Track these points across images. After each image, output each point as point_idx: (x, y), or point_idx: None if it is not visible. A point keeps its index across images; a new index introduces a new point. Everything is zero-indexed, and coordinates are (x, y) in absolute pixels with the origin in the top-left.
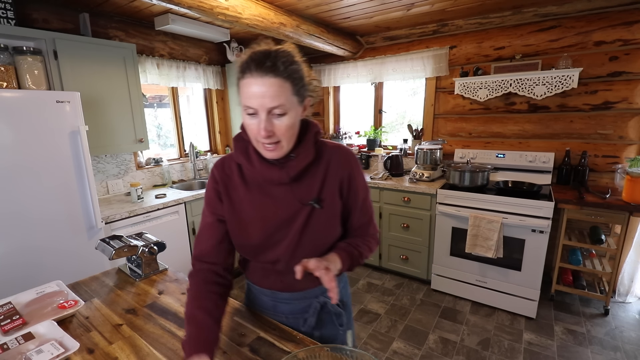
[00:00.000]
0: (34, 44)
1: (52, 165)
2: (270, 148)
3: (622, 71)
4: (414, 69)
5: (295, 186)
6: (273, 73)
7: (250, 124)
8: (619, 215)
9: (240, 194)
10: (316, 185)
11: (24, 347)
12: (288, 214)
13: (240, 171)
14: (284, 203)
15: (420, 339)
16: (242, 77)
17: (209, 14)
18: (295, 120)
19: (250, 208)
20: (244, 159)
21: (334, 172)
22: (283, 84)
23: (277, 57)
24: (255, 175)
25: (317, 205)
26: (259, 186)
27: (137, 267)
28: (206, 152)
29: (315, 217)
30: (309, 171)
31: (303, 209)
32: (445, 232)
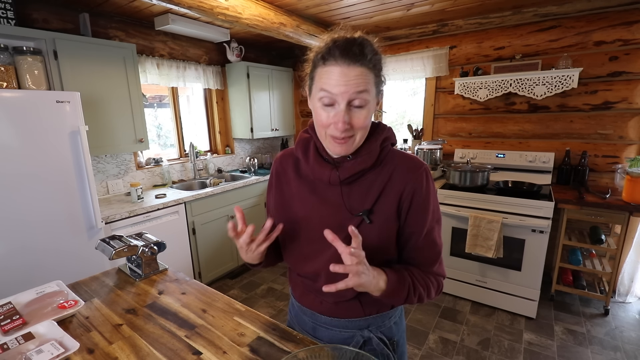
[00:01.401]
0: (34, 44)
1: (52, 165)
2: (342, 142)
3: (622, 71)
4: (414, 69)
5: (347, 191)
6: (360, 61)
7: (323, 114)
8: (619, 215)
9: (293, 188)
10: (371, 195)
11: (24, 347)
12: (334, 220)
13: (296, 166)
14: (332, 207)
15: (420, 339)
16: (322, 64)
17: (209, 14)
18: (371, 115)
19: (299, 204)
20: (302, 153)
21: (395, 185)
22: (368, 74)
23: (363, 44)
24: (308, 171)
25: (367, 219)
26: (311, 184)
27: (137, 267)
28: (206, 152)
29: (364, 233)
30: (365, 177)
31: (351, 219)
32: (445, 232)
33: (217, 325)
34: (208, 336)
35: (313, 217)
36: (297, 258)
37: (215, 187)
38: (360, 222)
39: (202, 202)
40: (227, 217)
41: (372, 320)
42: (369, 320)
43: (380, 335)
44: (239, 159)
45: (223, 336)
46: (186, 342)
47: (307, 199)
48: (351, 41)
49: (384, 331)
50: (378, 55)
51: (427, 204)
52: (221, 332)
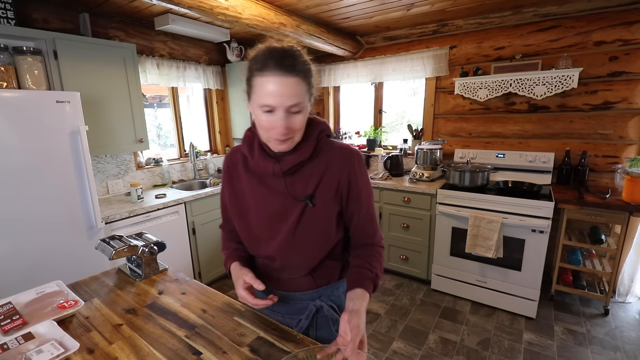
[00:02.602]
0: (34, 44)
1: (52, 166)
2: (281, 142)
3: (622, 71)
4: (414, 69)
5: (290, 181)
6: (293, 72)
7: (265, 120)
8: (619, 215)
9: (243, 182)
10: (311, 183)
11: (24, 347)
12: (282, 207)
13: (244, 162)
14: (278, 196)
15: (420, 339)
16: (259, 74)
17: (209, 14)
18: (306, 117)
19: (249, 196)
20: (247, 150)
21: (332, 172)
22: (300, 82)
23: (294, 56)
24: (254, 166)
25: (310, 203)
26: (259, 177)
27: (137, 267)
28: (206, 152)
29: (308, 216)
30: (305, 168)
31: (297, 205)
32: (445, 232)
33: (217, 325)
34: (208, 336)
35: (262, 205)
36: (252, 243)
37: (215, 187)
38: (304, 207)
39: (202, 202)
40: None
41: (323, 291)
42: (320, 291)
43: (330, 303)
44: None
45: (223, 336)
46: (186, 342)
47: (257, 190)
48: (285, 52)
49: (333, 299)
50: (308, 65)
51: (362, 186)
52: (221, 332)
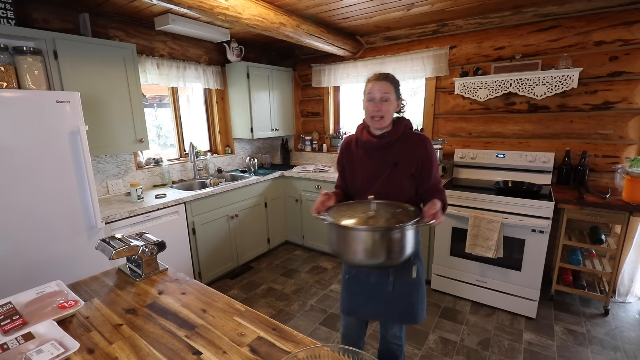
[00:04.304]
0: (34, 44)
1: (52, 165)
2: (377, 120)
3: (622, 71)
4: (414, 69)
5: (385, 152)
6: (385, 80)
7: (369, 106)
8: (619, 215)
9: (355, 154)
10: (398, 154)
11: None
12: (378, 170)
13: (356, 142)
14: (377, 162)
15: (420, 339)
16: (369, 82)
17: (209, 14)
18: (393, 108)
19: (359, 163)
20: (359, 133)
21: (412, 151)
22: (390, 86)
23: (388, 74)
24: (363, 143)
25: (395, 167)
26: (366, 150)
27: (137, 267)
28: (206, 152)
29: (393, 174)
30: (395, 145)
31: (387, 167)
32: (445, 232)
33: (217, 325)
34: (208, 336)
35: (366, 168)
36: (360, 190)
37: (215, 187)
38: (391, 169)
39: (202, 202)
40: (227, 217)
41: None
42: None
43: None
44: (239, 159)
45: (223, 336)
46: (186, 342)
47: (364, 158)
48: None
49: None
50: (397, 80)
51: (431, 161)
52: (221, 332)
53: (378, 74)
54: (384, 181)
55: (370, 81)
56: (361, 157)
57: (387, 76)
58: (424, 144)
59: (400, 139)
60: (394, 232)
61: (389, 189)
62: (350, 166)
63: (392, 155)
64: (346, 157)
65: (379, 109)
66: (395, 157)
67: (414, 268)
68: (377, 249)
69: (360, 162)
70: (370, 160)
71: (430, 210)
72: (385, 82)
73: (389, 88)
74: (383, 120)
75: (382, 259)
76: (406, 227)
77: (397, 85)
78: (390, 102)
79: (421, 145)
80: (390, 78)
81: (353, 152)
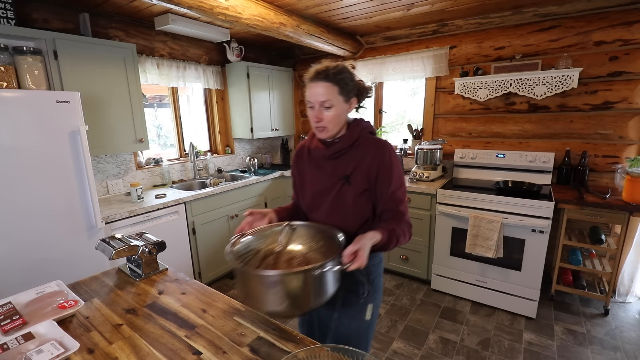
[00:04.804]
0: (34, 44)
1: (52, 165)
2: (320, 130)
3: (622, 71)
4: (414, 69)
5: (335, 163)
6: (324, 79)
7: (309, 114)
8: (619, 215)
9: (306, 164)
10: (351, 166)
11: (24, 347)
12: (328, 183)
13: (308, 151)
14: (327, 174)
15: (420, 339)
16: (307, 84)
17: (209, 14)
18: (340, 113)
19: (308, 174)
20: (310, 139)
21: (367, 159)
22: (331, 86)
23: (328, 69)
24: (312, 151)
25: (347, 181)
26: (316, 161)
27: (137, 267)
28: (206, 152)
29: (345, 192)
30: (347, 154)
31: (337, 183)
32: (445, 232)
33: (217, 325)
34: (208, 336)
35: (316, 181)
36: (308, 210)
37: (215, 187)
38: (342, 184)
39: (202, 202)
40: (227, 217)
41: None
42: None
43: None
44: (239, 159)
45: (223, 336)
46: (186, 342)
47: (313, 171)
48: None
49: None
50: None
51: (389, 173)
52: (221, 332)
53: (315, 71)
54: (334, 199)
55: (307, 82)
56: (311, 167)
57: (327, 74)
58: (381, 152)
59: (355, 146)
60: (290, 277)
61: (338, 209)
62: (301, 178)
63: (343, 167)
64: (297, 166)
65: (320, 118)
66: (346, 170)
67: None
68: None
69: (310, 173)
70: (319, 173)
71: (351, 248)
72: (325, 83)
73: (331, 90)
74: (326, 131)
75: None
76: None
77: (344, 82)
78: (334, 107)
79: (378, 153)
80: (331, 76)
81: (304, 161)
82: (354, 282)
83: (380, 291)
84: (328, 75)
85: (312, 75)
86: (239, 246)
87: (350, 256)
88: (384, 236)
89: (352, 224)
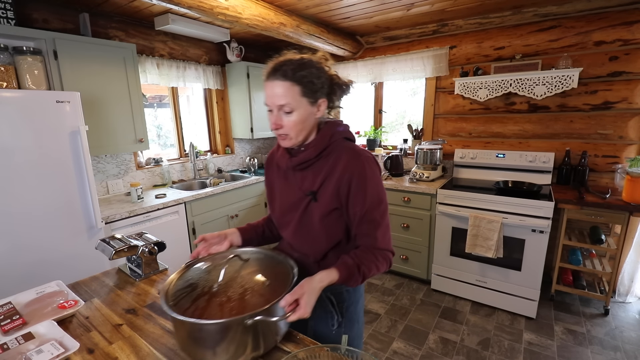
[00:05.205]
0: (34, 44)
1: (52, 165)
2: (282, 138)
3: (622, 71)
4: (414, 69)
5: (302, 175)
6: (283, 77)
7: (269, 118)
8: (619, 215)
9: (274, 174)
10: (319, 180)
11: (24, 347)
12: (294, 198)
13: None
14: (293, 188)
15: (420, 339)
16: (264, 82)
17: (209, 14)
18: (304, 118)
19: (277, 186)
20: (277, 148)
21: (337, 172)
22: (291, 86)
23: (287, 64)
24: (279, 161)
25: (314, 198)
26: (284, 171)
27: (137, 267)
28: (206, 152)
29: (311, 210)
30: (315, 165)
31: (304, 198)
32: (445, 232)
33: None
34: None
35: (283, 193)
36: (279, 224)
37: (215, 187)
38: (309, 201)
39: (202, 202)
40: (227, 217)
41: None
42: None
43: (330, 295)
44: (239, 159)
45: None
46: None
47: (281, 182)
48: (279, 63)
49: (334, 294)
50: (304, 72)
51: (364, 187)
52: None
53: (272, 67)
54: (300, 217)
55: (264, 79)
56: (280, 179)
57: (285, 72)
58: (353, 162)
59: (324, 156)
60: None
61: (305, 229)
62: (271, 190)
63: (310, 180)
64: (267, 176)
65: (280, 125)
66: (313, 184)
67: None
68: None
69: (279, 185)
70: (288, 185)
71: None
72: (283, 82)
73: (291, 91)
74: (289, 140)
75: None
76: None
77: (308, 80)
78: (296, 111)
79: (350, 164)
80: (290, 73)
81: (274, 171)
82: (324, 311)
83: (359, 321)
84: (286, 73)
85: (268, 72)
86: (180, 281)
87: (290, 306)
88: (342, 275)
89: (321, 247)
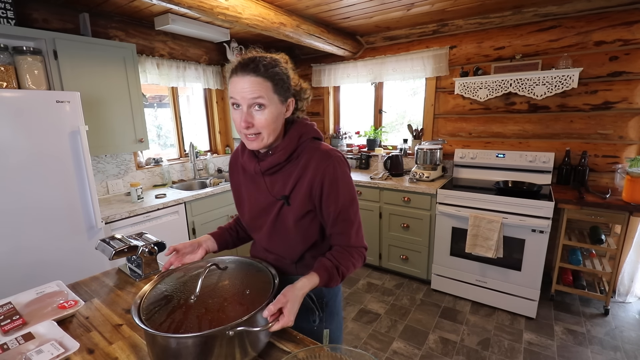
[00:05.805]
0: (34, 44)
1: (52, 165)
2: (251, 139)
3: (622, 71)
4: (414, 69)
5: (272, 180)
6: (254, 72)
7: (235, 116)
8: (619, 215)
9: (240, 178)
10: (290, 183)
11: (24, 347)
12: (265, 203)
13: (242, 164)
14: (263, 193)
15: (420, 339)
16: (230, 77)
17: (209, 14)
18: (276, 116)
19: (244, 191)
20: (241, 150)
21: (308, 175)
22: (263, 82)
23: (259, 60)
24: (245, 166)
25: (286, 202)
26: (251, 175)
27: (137, 267)
28: (206, 152)
29: (285, 214)
30: (285, 168)
31: (276, 202)
32: (445, 232)
33: None
34: None
35: (252, 200)
36: (249, 230)
37: (215, 187)
38: (282, 205)
39: (202, 202)
40: (227, 217)
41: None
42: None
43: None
44: None
45: None
46: None
47: (249, 186)
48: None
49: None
50: (276, 69)
51: (336, 188)
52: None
53: (241, 62)
54: (273, 221)
55: (231, 75)
56: (247, 182)
57: (257, 67)
58: (324, 164)
59: (293, 158)
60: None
61: (280, 232)
62: (238, 193)
63: (281, 184)
64: (232, 179)
65: (251, 123)
66: (285, 189)
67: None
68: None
69: (246, 189)
70: (256, 189)
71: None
72: (255, 78)
73: (263, 86)
74: (260, 140)
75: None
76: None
77: (279, 77)
78: (268, 108)
79: (320, 165)
80: (263, 69)
81: (239, 175)
82: (304, 308)
83: (338, 314)
84: (258, 68)
85: (237, 67)
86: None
87: (273, 315)
88: (323, 279)
89: (297, 249)
